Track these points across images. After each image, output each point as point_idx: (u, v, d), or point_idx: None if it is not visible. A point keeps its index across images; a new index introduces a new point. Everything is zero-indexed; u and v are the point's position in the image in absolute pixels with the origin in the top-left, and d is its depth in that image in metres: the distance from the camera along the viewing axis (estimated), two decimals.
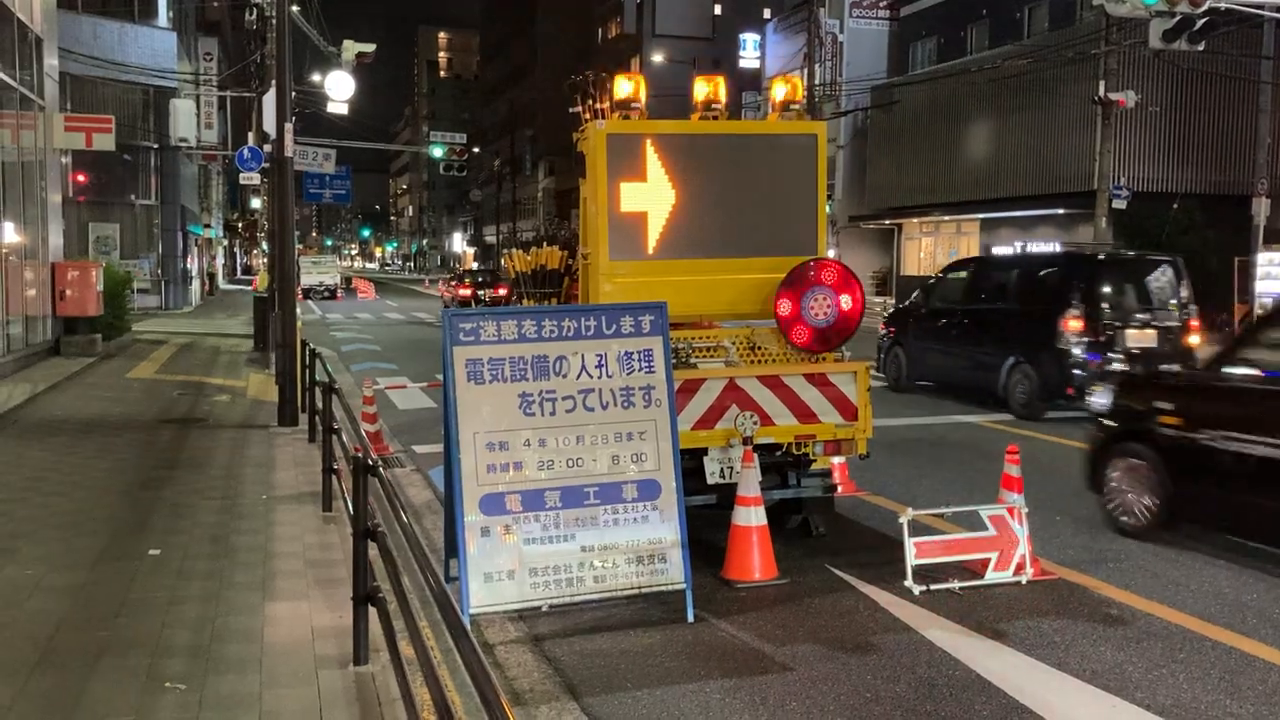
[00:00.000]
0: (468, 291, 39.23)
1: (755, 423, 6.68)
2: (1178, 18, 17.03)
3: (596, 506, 5.81)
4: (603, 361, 5.97)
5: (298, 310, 12.06)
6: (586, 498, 5.80)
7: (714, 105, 7.16)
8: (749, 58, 46.53)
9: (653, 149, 6.83)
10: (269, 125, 14.98)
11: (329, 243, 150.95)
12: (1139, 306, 13.23)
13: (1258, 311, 24.42)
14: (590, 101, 7.29)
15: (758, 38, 47.80)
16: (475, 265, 60.98)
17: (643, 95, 7.04)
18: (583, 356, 5.94)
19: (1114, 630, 5.63)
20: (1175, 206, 28.98)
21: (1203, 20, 17.15)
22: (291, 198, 12.46)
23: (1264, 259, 24.22)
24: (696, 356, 6.89)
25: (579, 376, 5.91)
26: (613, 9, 66.22)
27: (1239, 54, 25.56)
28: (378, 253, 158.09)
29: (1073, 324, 12.97)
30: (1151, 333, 13.19)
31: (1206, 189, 30.06)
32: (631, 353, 6.02)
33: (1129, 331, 13.07)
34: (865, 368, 7.07)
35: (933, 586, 6.20)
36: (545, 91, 77.72)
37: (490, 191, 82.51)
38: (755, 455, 6.48)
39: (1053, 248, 31.36)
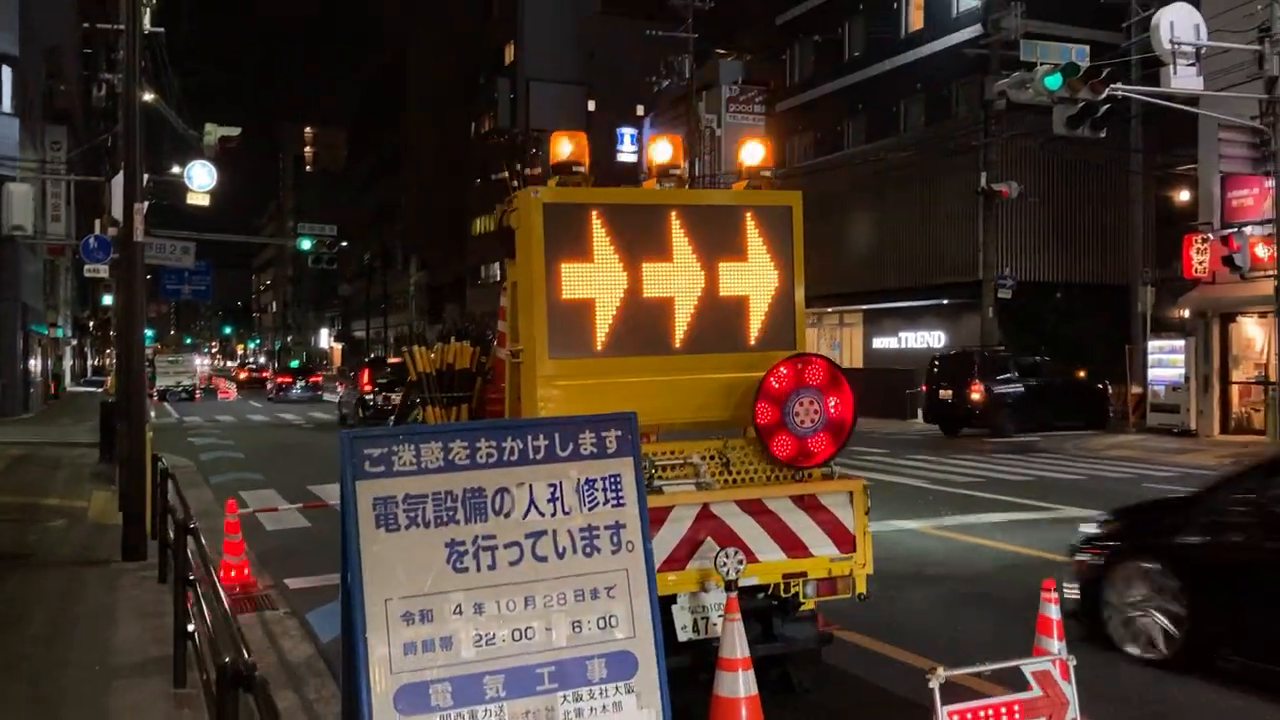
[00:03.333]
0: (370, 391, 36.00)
1: (740, 561, 5.32)
2: (1081, 104, 16.75)
3: (553, 693, 4.36)
4: (557, 493, 4.58)
5: (151, 415, 10.21)
6: (540, 682, 4.35)
7: (673, 170, 6.06)
8: (626, 152, 46.23)
9: (600, 222, 5.78)
10: (118, 210, 13.11)
11: (188, 341, 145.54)
12: None
13: (1150, 400, 24.29)
14: (520, 167, 6.39)
15: (634, 132, 47.59)
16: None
17: (586, 157, 5.80)
18: (530, 488, 4.53)
19: None
20: (1058, 295, 29.13)
21: (1104, 107, 16.91)
22: (142, 290, 10.71)
23: (1154, 346, 24.17)
24: (661, 477, 5.71)
25: (526, 515, 4.50)
26: (485, 104, 65.80)
27: (1113, 147, 25.87)
28: (239, 350, 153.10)
29: None
30: None
31: (1089, 278, 30.45)
32: (594, 480, 4.65)
33: None
34: (862, 486, 5.97)
35: None
36: (416, 185, 76.79)
37: (359, 285, 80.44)
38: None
39: (937, 339, 31.39)
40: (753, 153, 6.23)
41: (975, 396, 24.82)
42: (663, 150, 6.06)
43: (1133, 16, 27.34)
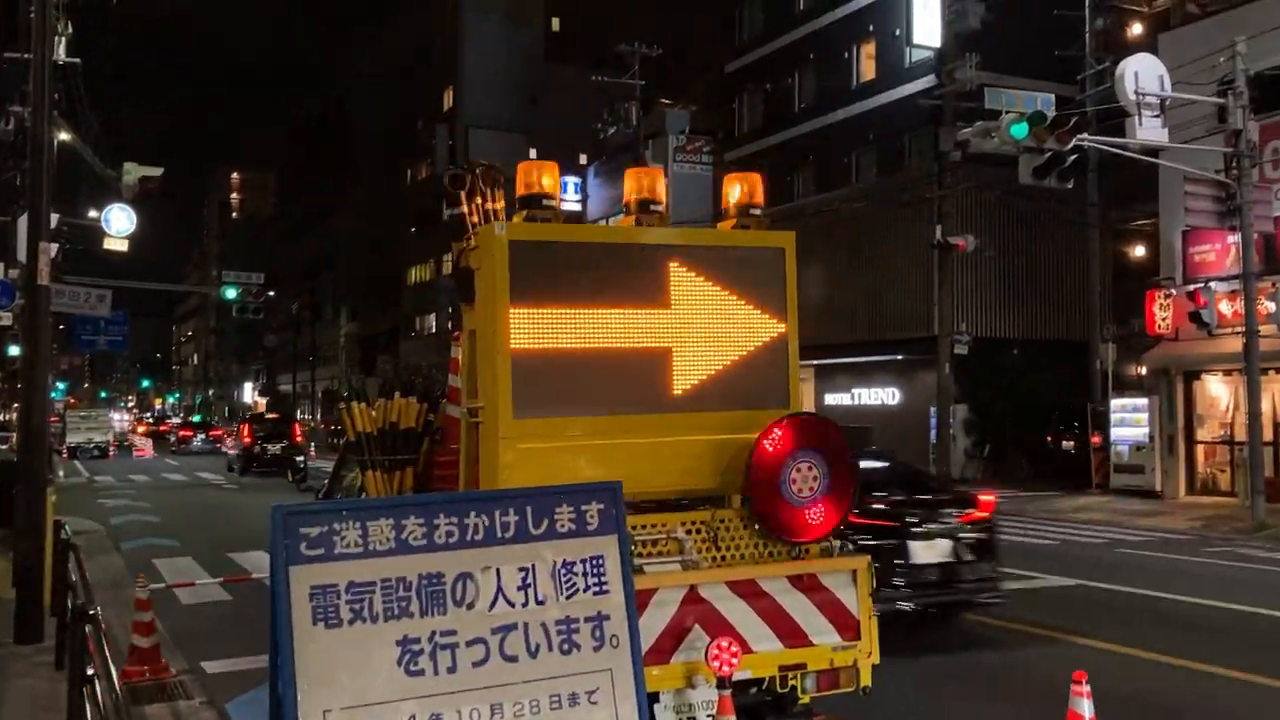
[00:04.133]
0: (249, 440, 36.21)
1: (734, 653, 4.76)
2: (1048, 154, 16.68)
3: None
4: (529, 579, 4.12)
5: (58, 474, 9.41)
6: None
7: (654, 206, 5.64)
8: (570, 201, 45.93)
9: (572, 263, 5.37)
10: (23, 252, 12.30)
11: (103, 395, 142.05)
12: None
13: (1114, 460, 24.20)
14: (479, 200, 5.77)
15: (579, 180, 47.39)
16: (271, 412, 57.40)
17: (557, 190, 5.31)
18: (498, 573, 4.06)
19: None
20: (1015, 351, 29.14)
21: (1071, 157, 16.85)
22: (47, 338, 10.00)
23: (1116, 405, 24.12)
24: (641, 554, 5.16)
25: (493, 606, 4.01)
26: (422, 151, 65.48)
27: (1070, 201, 26.06)
28: (158, 404, 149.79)
29: None
30: None
31: (1048, 334, 30.57)
32: (573, 563, 4.22)
33: None
34: (867, 563, 5.51)
35: None
36: (349, 233, 76.06)
37: (286, 337, 79.10)
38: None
39: (892, 395, 31.24)
40: (741, 189, 5.81)
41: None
42: (640, 184, 5.64)
43: (1088, 69, 27.81)
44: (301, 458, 32.93)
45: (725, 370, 5.65)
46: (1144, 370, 24.80)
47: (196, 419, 75.45)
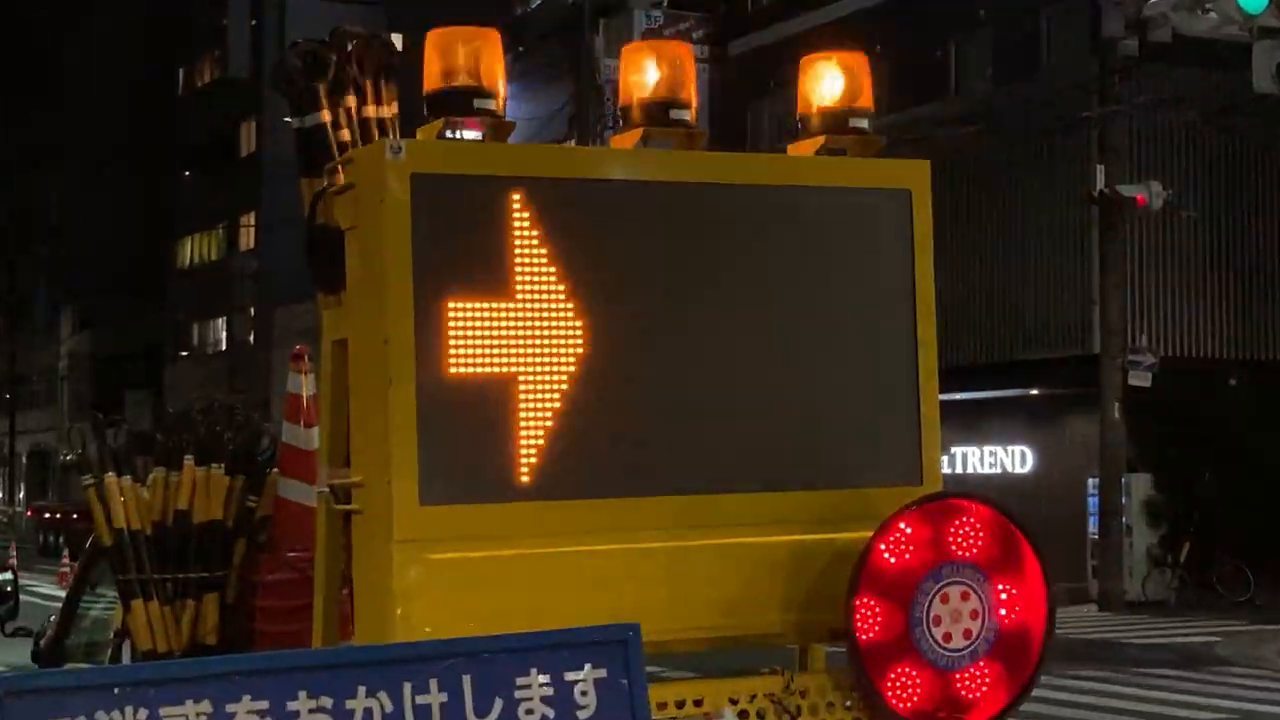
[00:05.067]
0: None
1: None
2: None
3: None
4: None
5: None
6: None
7: (675, 111, 5.72)
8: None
9: (532, 218, 5.43)
10: None
11: None
12: None
13: None
14: (351, 101, 5.92)
15: None
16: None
17: (500, 79, 5.55)
18: None
19: None
20: (1233, 383, 29.22)
21: None
22: None
23: None
24: None
25: None
26: (203, 40, 65.79)
27: None
28: None
29: None
30: None
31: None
32: None
33: None
34: None
35: None
36: (74, 188, 75.77)
37: None
38: None
39: (1020, 458, 31.19)
40: (831, 85, 5.91)
41: None
42: (654, 73, 5.70)
43: None
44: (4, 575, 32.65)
45: (803, 417, 5.80)
46: None
47: None
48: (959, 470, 32.85)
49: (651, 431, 5.58)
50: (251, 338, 63.56)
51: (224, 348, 63.59)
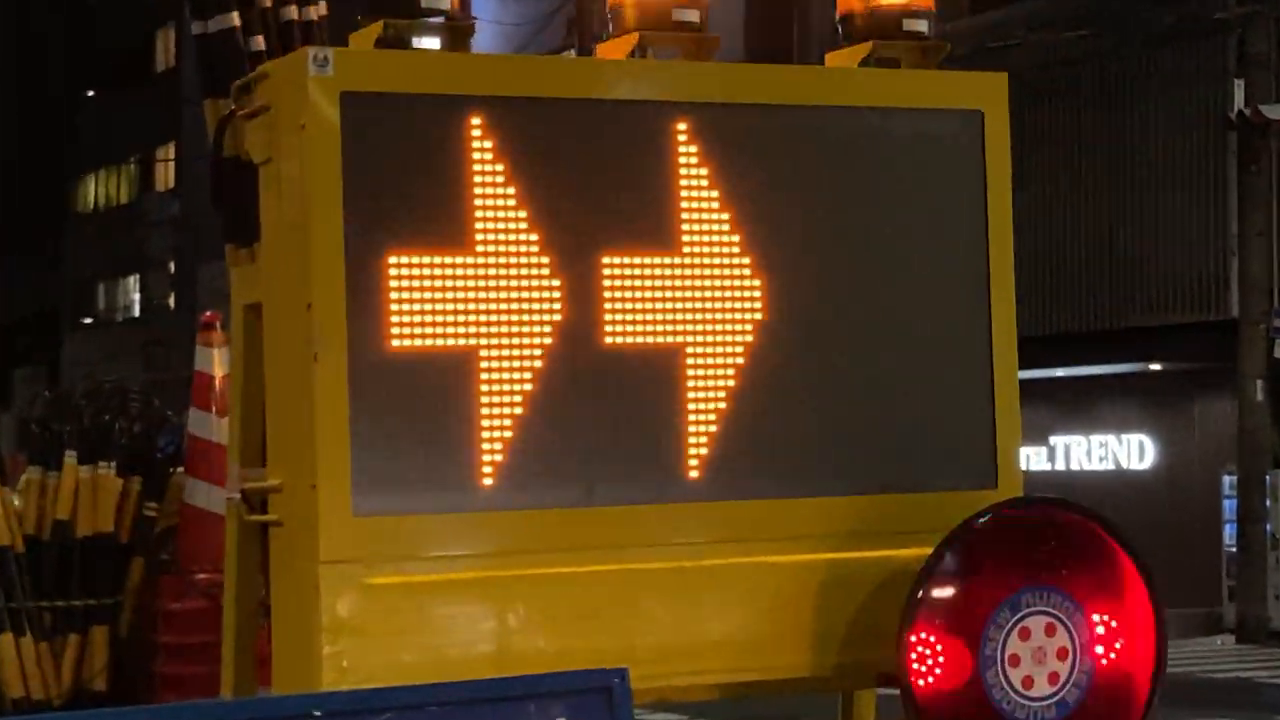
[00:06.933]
0: None
1: None
2: None
3: None
4: None
5: None
6: None
7: (682, 4, 5.82)
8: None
9: (497, 147, 5.49)
10: None
11: None
12: None
13: None
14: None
15: None
16: None
17: None
18: None
19: None
20: None
21: None
22: None
23: None
24: None
25: None
26: None
27: None
28: None
29: None
30: None
31: None
32: None
33: None
34: None
35: None
36: None
37: None
38: None
39: (1136, 449, 31.18)
40: None
41: None
42: None
43: None
44: None
45: (845, 398, 5.93)
46: None
47: None
48: (1060, 466, 32.80)
49: (649, 418, 5.60)
50: (172, 301, 63.59)
51: (137, 313, 63.90)
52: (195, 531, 6.38)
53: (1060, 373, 31.00)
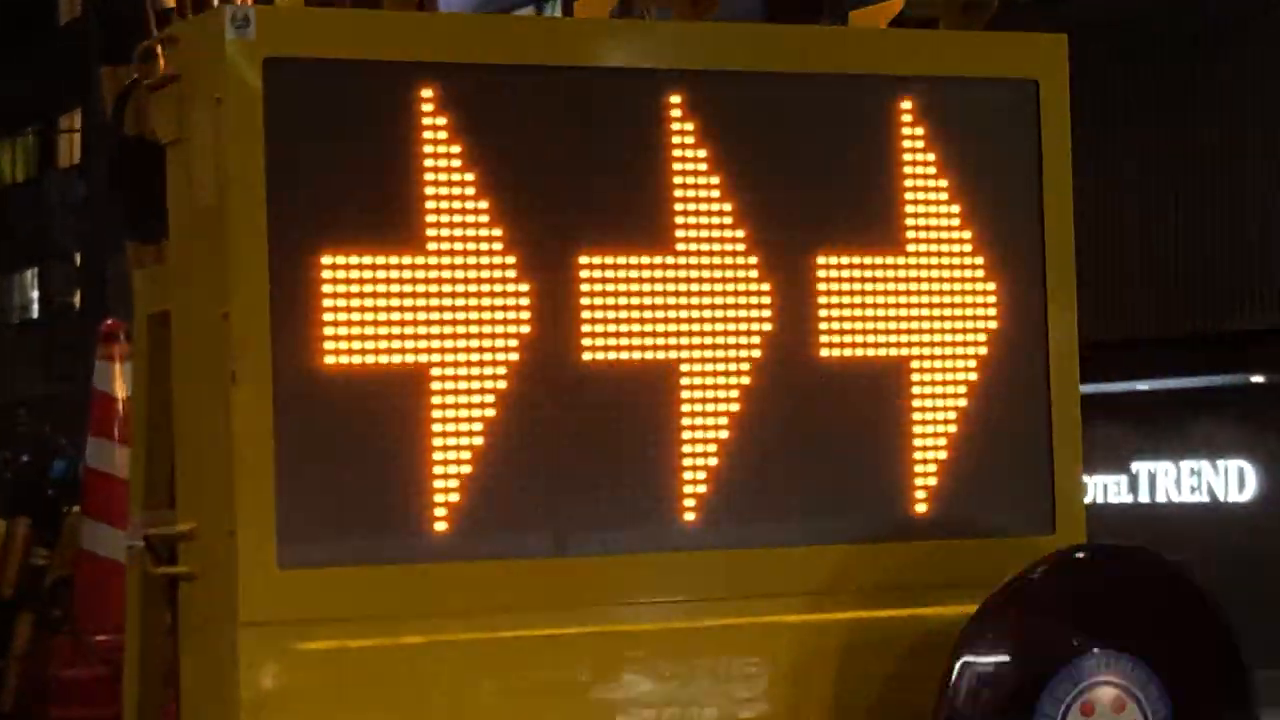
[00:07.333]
0: None
1: None
2: None
3: None
4: None
5: None
6: None
7: None
8: None
9: (452, 125, 5.34)
10: None
11: None
12: None
13: None
14: None
15: None
16: None
17: None
18: None
19: None
20: None
21: None
22: None
23: None
24: None
25: None
26: None
27: None
28: None
29: None
30: None
31: None
32: None
33: None
34: None
35: None
36: None
37: None
38: None
39: (1234, 477, 30.83)
40: None
41: None
42: None
43: None
44: None
45: (869, 423, 5.79)
46: None
47: None
48: (1144, 498, 32.43)
49: (632, 452, 5.51)
50: (78, 299, 63.34)
51: (35, 314, 63.73)
52: (93, 584, 6.13)
53: (1142, 386, 30.73)
